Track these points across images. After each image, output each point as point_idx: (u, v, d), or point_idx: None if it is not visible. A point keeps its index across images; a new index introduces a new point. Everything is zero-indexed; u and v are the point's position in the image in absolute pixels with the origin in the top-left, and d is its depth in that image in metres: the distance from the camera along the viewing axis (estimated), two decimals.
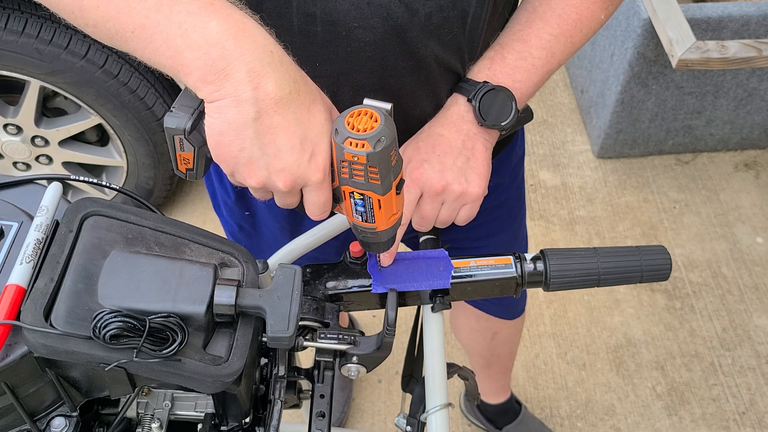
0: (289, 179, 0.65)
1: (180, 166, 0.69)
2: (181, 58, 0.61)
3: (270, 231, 1.14)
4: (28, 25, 1.76)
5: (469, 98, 0.87)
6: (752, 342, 2.19)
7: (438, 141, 0.86)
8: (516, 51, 0.88)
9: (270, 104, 0.61)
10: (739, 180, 2.60)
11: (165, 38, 0.61)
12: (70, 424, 0.68)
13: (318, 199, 0.68)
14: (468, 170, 0.85)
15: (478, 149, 0.87)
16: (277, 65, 0.62)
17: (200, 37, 0.60)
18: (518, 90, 0.88)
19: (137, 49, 0.63)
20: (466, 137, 0.87)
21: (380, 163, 0.64)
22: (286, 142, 0.63)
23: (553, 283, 0.83)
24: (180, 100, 0.67)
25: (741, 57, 1.91)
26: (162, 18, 0.61)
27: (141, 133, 2.02)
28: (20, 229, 0.67)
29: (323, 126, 0.65)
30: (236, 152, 0.64)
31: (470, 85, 0.88)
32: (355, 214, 0.70)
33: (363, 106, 0.65)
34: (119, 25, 0.63)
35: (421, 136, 0.88)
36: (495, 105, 0.86)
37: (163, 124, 0.66)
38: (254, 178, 0.66)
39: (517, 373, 2.09)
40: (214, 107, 0.62)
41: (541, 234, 2.43)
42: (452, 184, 0.84)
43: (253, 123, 0.62)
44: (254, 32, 0.62)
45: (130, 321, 0.59)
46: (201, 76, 0.61)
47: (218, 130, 0.63)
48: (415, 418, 0.94)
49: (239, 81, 0.60)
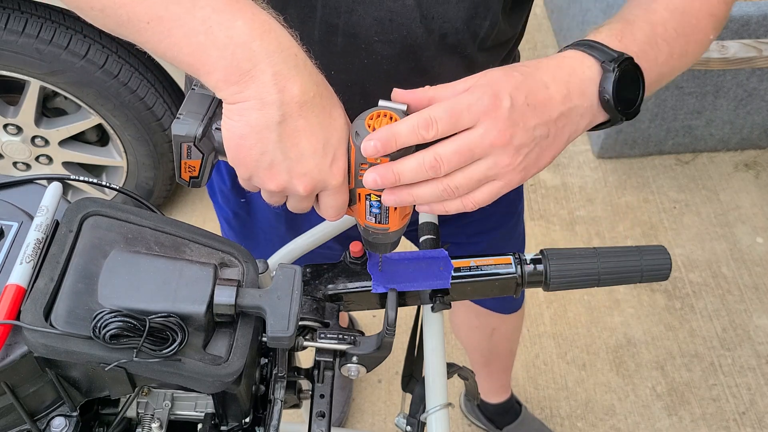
0: (310, 183, 0.64)
1: (184, 174, 0.68)
2: (203, 56, 0.59)
3: (265, 218, 1.14)
4: (28, 25, 1.76)
5: (605, 63, 0.68)
6: (752, 342, 2.18)
7: (536, 89, 0.65)
8: (645, 33, 0.72)
9: (295, 108, 0.60)
10: (739, 180, 2.60)
11: (185, 33, 0.59)
12: (70, 424, 0.68)
13: (336, 202, 0.68)
14: (541, 148, 0.66)
15: (564, 134, 0.68)
16: (301, 69, 0.61)
17: (226, 37, 0.59)
18: None
19: (150, 41, 0.61)
20: (570, 110, 0.67)
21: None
22: (308, 146, 0.62)
23: (553, 283, 0.83)
24: (186, 106, 0.65)
25: (741, 57, 1.91)
26: (183, 12, 0.59)
27: (141, 133, 2.02)
28: (20, 229, 0.67)
29: (343, 129, 0.65)
30: (257, 156, 0.62)
31: (602, 47, 0.69)
32: (368, 216, 0.70)
33: (380, 107, 0.65)
34: (132, 14, 0.60)
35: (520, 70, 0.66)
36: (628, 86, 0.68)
37: (171, 131, 0.65)
38: (274, 183, 0.64)
39: (517, 373, 2.09)
40: (236, 109, 0.61)
41: (541, 234, 2.43)
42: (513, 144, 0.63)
43: (277, 126, 0.60)
44: (280, 34, 0.61)
45: (130, 321, 0.59)
46: (224, 76, 0.59)
47: (239, 134, 0.61)
48: (415, 418, 0.94)
49: (264, 83, 0.59)
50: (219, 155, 0.68)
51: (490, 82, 0.64)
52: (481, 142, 0.63)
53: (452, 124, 0.63)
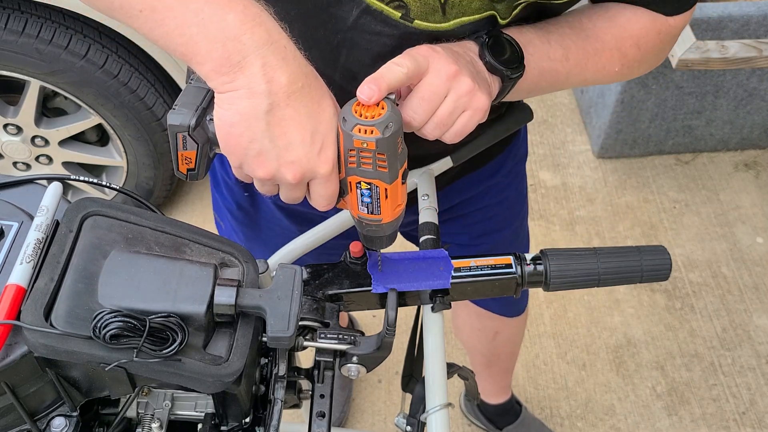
0: (299, 171, 0.66)
1: (181, 166, 0.69)
2: (195, 47, 0.62)
3: (269, 209, 1.14)
4: (28, 25, 1.76)
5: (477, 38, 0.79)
6: (752, 342, 2.18)
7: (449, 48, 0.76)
8: (537, 32, 0.83)
9: (282, 97, 0.63)
10: (739, 180, 2.60)
11: (178, 24, 0.61)
12: (70, 424, 0.68)
13: (325, 191, 0.69)
14: (478, 77, 0.75)
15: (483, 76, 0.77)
16: (290, 60, 0.63)
17: (217, 30, 0.61)
18: (527, 63, 0.80)
19: (141, 28, 0.64)
20: (473, 59, 0.77)
21: (388, 149, 0.65)
22: (297, 134, 0.64)
23: (553, 283, 0.83)
24: (182, 98, 0.67)
25: (741, 57, 1.91)
26: (176, 3, 0.61)
27: (141, 133, 2.02)
28: (20, 229, 0.67)
29: (332, 119, 0.67)
30: (246, 143, 0.64)
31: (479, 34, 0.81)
32: (360, 206, 0.71)
33: None
34: (125, 1, 0.62)
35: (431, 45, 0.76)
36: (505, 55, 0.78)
37: (166, 121, 0.66)
38: (263, 170, 0.66)
39: (517, 373, 2.09)
40: (226, 98, 0.63)
41: (541, 234, 2.43)
42: (464, 74, 0.73)
43: (265, 115, 0.62)
44: (270, 27, 0.63)
45: (131, 321, 0.59)
46: (215, 67, 0.62)
47: (229, 121, 0.63)
48: (415, 418, 0.94)
49: (253, 74, 0.61)
50: (214, 146, 0.70)
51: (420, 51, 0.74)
52: (438, 79, 0.71)
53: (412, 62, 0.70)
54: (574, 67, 0.85)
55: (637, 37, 0.87)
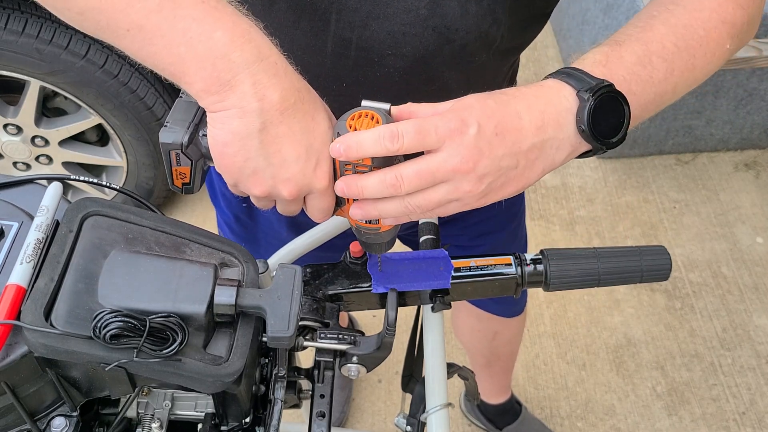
0: (295, 188, 0.65)
1: (176, 181, 0.69)
2: (184, 67, 0.60)
3: (267, 221, 1.14)
4: (28, 25, 1.76)
5: (580, 92, 0.66)
6: (752, 342, 2.19)
7: (508, 118, 0.64)
8: (635, 53, 0.70)
9: (275, 115, 0.61)
10: (739, 180, 2.60)
11: (166, 44, 0.59)
12: (70, 424, 0.68)
13: (322, 204, 0.68)
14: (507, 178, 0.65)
15: (537, 166, 0.67)
16: (281, 76, 0.62)
17: (206, 49, 0.59)
18: (631, 103, 0.69)
19: (129, 47, 0.61)
20: (543, 141, 0.66)
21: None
22: (291, 151, 0.63)
23: (553, 283, 0.83)
24: (174, 114, 0.66)
25: (741, 57, 1.91)
26: (164, 22, 0.59)
27: (141, 133, 2.02)
28: (20, 229, 0.67)
29: (326, 133, 0.65)
30: (241, 163, 0.63)
31: (582, 75, 0.67)
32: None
33: (362, 108, 0.66)
34: (112, 21, 0.60)
35: (495, 98, 0.65)
36: (608, 114, 0.67)
37: (159, 139, 0.65)
38: (259, 188, 0.65)
39: (517, 373, 2.09)
40: (218, 117, 0.61)
41: (541, 234, 2.43)
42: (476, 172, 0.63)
43: (258, 134, 0.61)
44: (260, 43, 0.61)
45: (131, 321, 0.59)
46: (205, 86, 0.60)
47: (222, 141, 0.62)
48: (415, 418, 0.94)
49: (244, 93, 0.60)
50: (208, 161, 0.69)
51: (463, 107, 0.64)
52: (443, 166, 0.62)
53: (418, 141, 0.62)
54: (680, 77, 0.73)
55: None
